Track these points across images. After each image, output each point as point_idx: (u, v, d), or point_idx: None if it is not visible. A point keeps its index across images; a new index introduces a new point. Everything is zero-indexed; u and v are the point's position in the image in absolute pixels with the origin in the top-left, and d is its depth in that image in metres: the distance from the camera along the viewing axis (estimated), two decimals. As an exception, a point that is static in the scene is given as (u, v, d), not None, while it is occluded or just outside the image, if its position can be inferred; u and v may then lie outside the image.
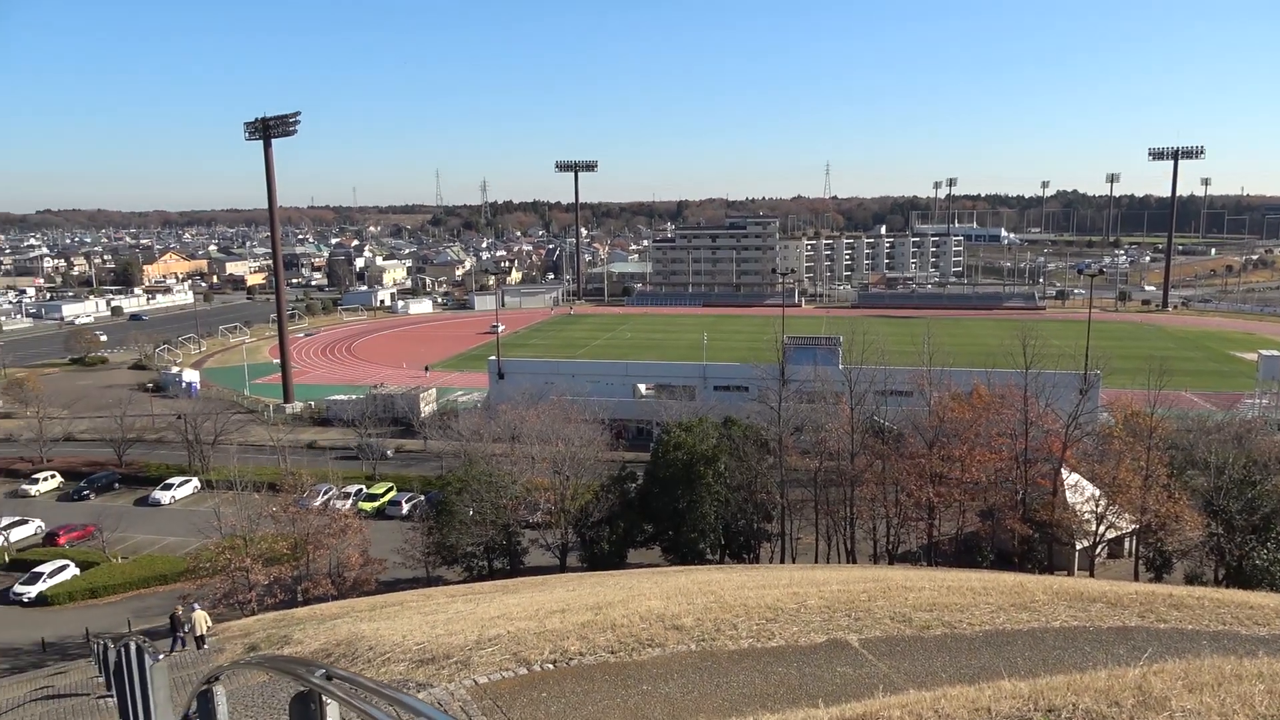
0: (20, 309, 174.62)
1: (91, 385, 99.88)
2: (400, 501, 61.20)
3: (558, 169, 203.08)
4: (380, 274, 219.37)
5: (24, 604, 49.26)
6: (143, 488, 67.88)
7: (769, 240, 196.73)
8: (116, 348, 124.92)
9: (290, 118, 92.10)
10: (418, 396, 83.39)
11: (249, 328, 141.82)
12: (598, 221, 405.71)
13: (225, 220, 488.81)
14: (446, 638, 13.82)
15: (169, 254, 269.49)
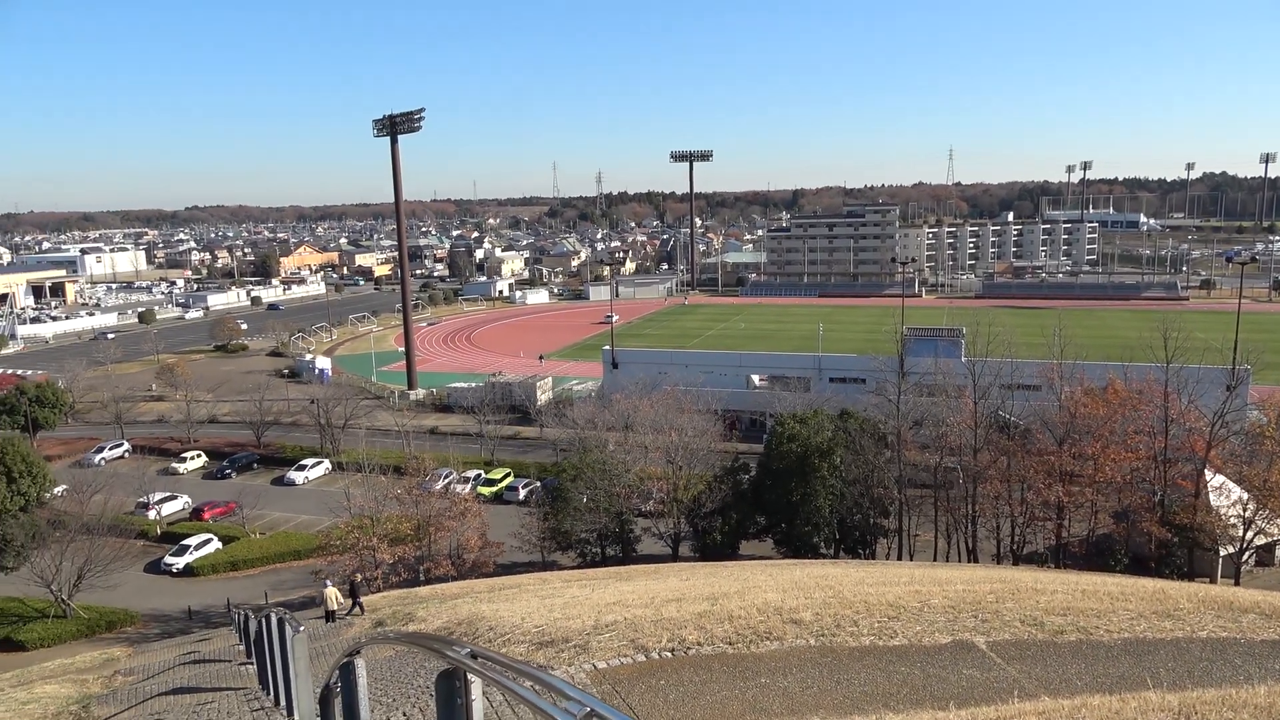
0: (171, 299, 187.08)
1: (233, 371, 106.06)
2: (517, 487, 62.62)
3: (672, 159, 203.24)
4: (499, 265, 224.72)
5: (173, 574, 52.85)
6: (279, 468, 71.68)
7: (888, 228, 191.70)
8: (256, 336, 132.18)
9: (415, 114, 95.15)
10: (534, 385, 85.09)
11: (376, 317, 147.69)
12: (712, 211, 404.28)
13: (355, 214, 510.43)
14: (564, 622, 14.04)
15: (303, 247, 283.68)
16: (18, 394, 75.95)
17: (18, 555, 46.06)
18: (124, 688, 19.97)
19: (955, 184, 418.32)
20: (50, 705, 17.62)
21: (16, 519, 46.24)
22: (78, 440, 79.83)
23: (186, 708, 14.28)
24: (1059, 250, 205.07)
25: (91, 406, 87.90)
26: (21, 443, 52.05)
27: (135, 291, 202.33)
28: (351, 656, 5.70)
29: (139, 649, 34.50)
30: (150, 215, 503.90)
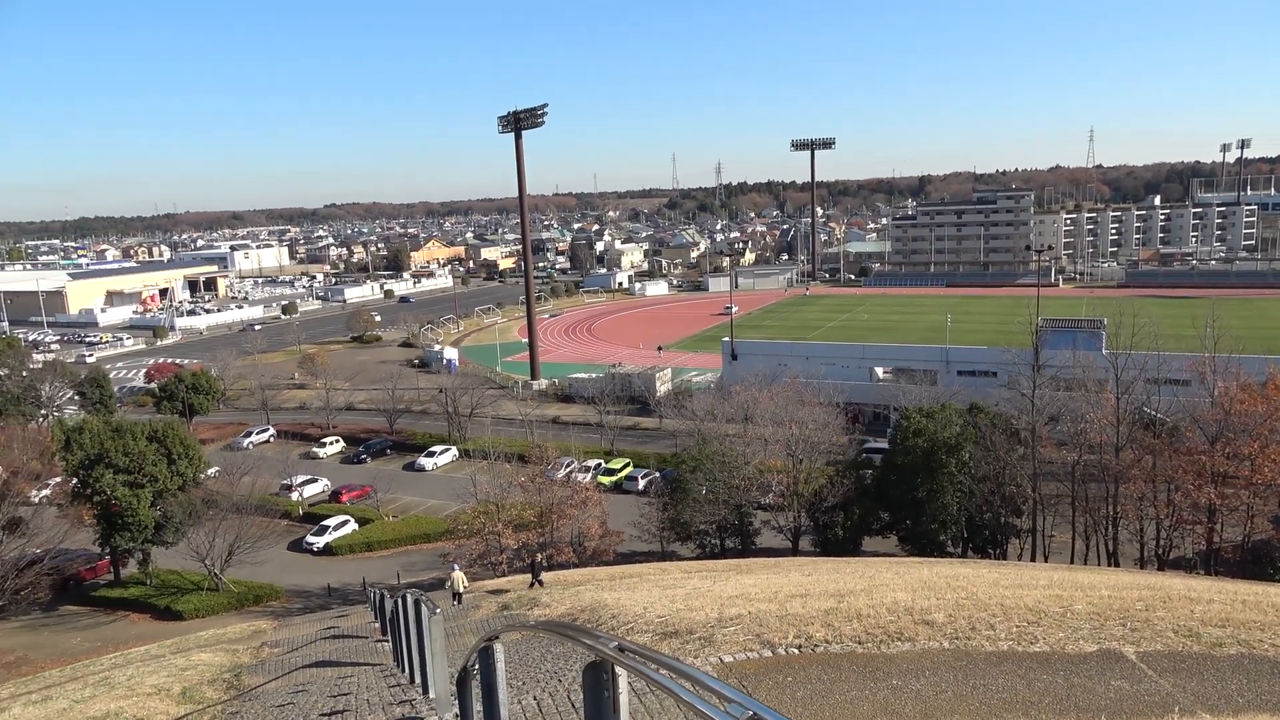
0: (311, 293, 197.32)
1: (368, 360, 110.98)
2: (637, 477, 63.14)
3: (793, 148, 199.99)
4: (619, 257, 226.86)
5: (313, 553, 55.80)
6: (410, 454, 74.59)
7: (1022, 215, 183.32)
8: (389, 327, 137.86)
9: (538, 110, 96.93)
10: (654, 376, 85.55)
11: (500, 309, 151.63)
12: (834, 200, 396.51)
13: (480, 209, 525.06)
14: (687, 613, 14.02)
15: (432, 241, 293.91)
16: (176, 381, 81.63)
17: (176, 531, 49.55)
18: (270, 659, 21.16)
19: (1096, 166, 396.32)
20: (206, 672, 18.83)
21: (175, 498, 49.73)
22: (228, 425, 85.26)
23: (328, 680, 14.99)
24: (1211, 236, 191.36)
25: (240, 394, 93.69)
26: (180, 426, 55.90)
27: (279, 285, 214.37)
28: (490, 641, 5.82)
29: (283, 622, 36.56)
30: (293, 213, 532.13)
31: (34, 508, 52.83)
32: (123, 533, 48.63)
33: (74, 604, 50.73)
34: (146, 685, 16.87)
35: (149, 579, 51.27)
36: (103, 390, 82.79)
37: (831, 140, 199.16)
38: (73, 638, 46.28)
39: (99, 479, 47.66)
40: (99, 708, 14.23)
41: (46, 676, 32.04)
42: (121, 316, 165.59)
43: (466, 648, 16.23)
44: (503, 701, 5.87)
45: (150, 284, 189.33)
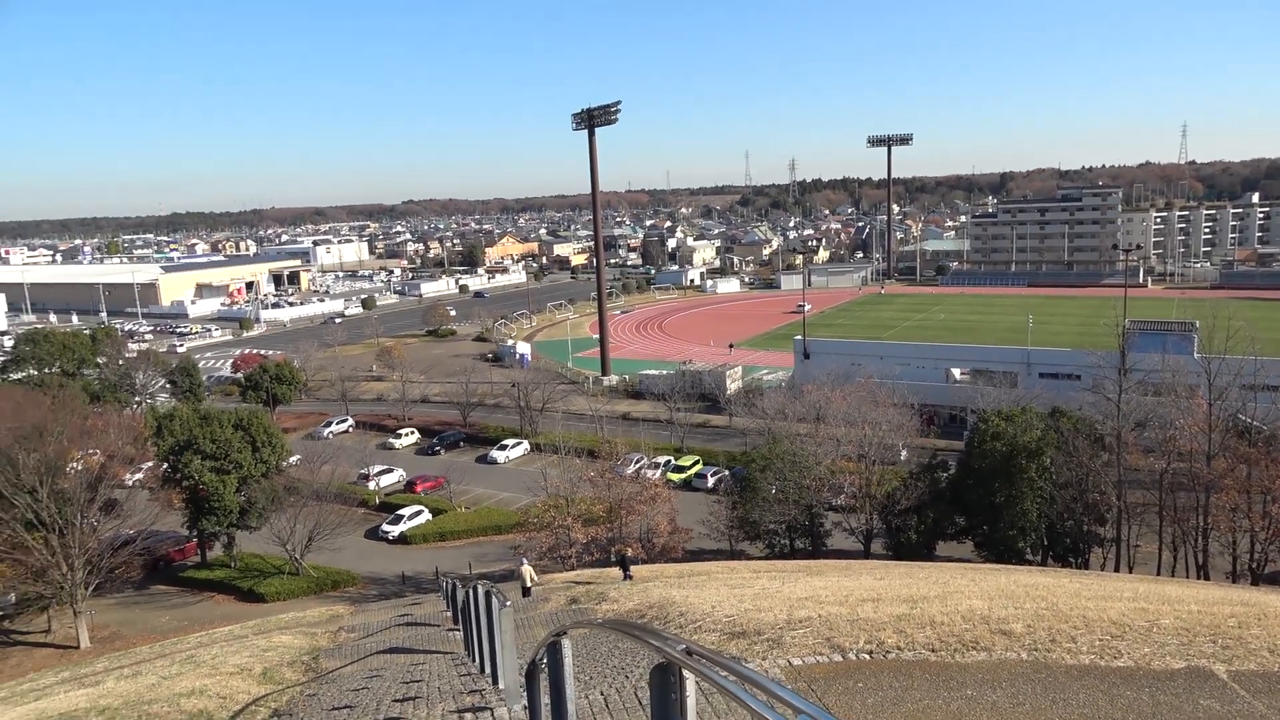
0: (389, 287, 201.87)
1: (443, 354, 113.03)
2: (706, 475, 62.98)
3: (869, 144, 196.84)
4: (690, 254, 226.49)
5: (389, 541, 57.11)
6: (482, 446, 75.76)
7: (1109, 213, 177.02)
8: (463, 321, 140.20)
9: (612, 107, 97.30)
10: (724, 374, 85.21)
11: (572, 305, 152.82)
12: (911, 197, 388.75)
13: (554, 206, 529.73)
14: (756, 614, 13.91)
15: (506, 238, 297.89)
16: (261, 372, 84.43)
17: (260, 516, 51.27)
18: (347, 643, 21.72)
19: (1189, 163, 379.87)
20: (286, 654, 19.42)
21: (259, 484, 51.45)
22: (309, 415, 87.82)
23: (401, 667, 15.31)
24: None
25: (321, 384, 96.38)
26: (264, 415, 57.81)
27: (358, 280, 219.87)
28: (559, 636, 5.86)
29: (359, 608, 37.51)
30: (372, 209, 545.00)
31: (128, 491, 55.26)
32: (209, 516, 50.54)
33: (164, 584, 52.93)
34: (230, 664, 17.48)
35: (233, 562, 53.18)
36: (192, 379, 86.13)
37: (909, 136, 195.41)
38: (162, 616, 48.30)
39: (188, 464, 49.60)
40: (185, 684, 14.79)
41: (137, 652, 33.50)
42: (210, 308, 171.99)
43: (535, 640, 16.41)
44: (570, 696, 5.91)
45: (237, 277, 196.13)
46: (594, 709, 9.11)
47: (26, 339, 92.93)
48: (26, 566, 43.00)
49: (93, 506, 46.08)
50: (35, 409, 50.44)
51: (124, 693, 15.16)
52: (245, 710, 12.26)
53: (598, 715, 9.04)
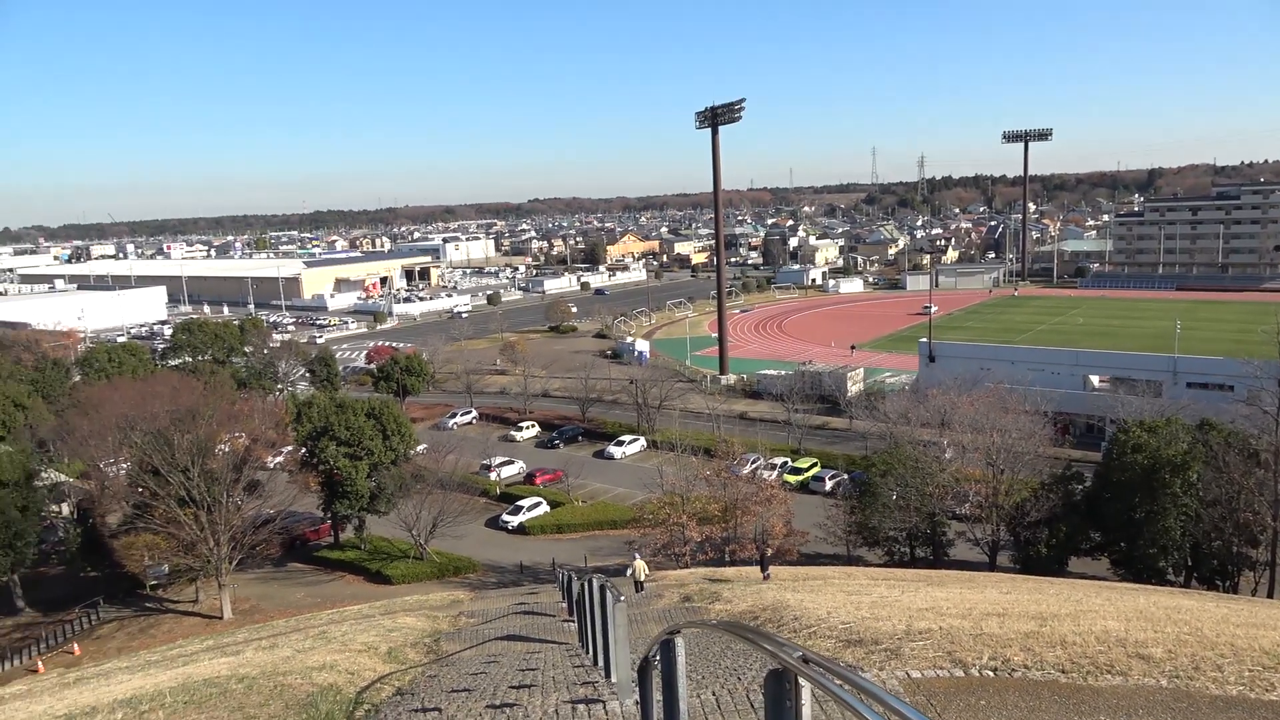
0: (514, 283, 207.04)
1: (564, 350, 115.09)
2: (823, 478, 61.91)
3: (1005, 139, 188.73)
4: (812, 253, 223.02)
5: (508, 531, 58.59)
6: (600, 442, 76.74)
7: (1271, 211, 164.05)
8: (584, 318, 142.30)
9: (736, 105, 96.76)
10: (845, 375, 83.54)
11: (691, 303, 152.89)
12: (1048, 195, 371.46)
13: (675, 204, 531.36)
14: (873, 622, 13.57)
15: (627, 236, 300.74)
16: (392, 363, 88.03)
17: (388, 502, 53.51)
18: (466, 628, 22.41)
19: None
20: (410, 635, 20.19)
21: (388, 471, 53.70)
22: (436, 406, 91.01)
23: (518, 654, 15.67)
24: None
25: (447, 377, 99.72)
26: (394, 405, 60.27)
27: (485, 276, 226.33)
28: (673, 635, 5.86)
29: (479, 594, 38.64)
30: (499, 208, 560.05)
31: (269, 473, 58.64)
32: (342, 500, 53.09)
33: (299, 562, 55.93)
34: (358, 642, 18.30)
35: (363, 544, 55.67)
36: (329, 369, 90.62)
37: (1048, 131, 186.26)
38: (297, 592, 51.04)
39: (324, 450, 52.23)
40: (317, 659, 15.57)
41: (274, 625, 35.51)
42: (347, 302, 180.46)
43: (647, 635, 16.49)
44: (682, 695, 5.89)
45: (372, 273, 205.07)
46: (705, 709, 9.08)
47: (183, 328, 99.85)
48: (178, 540, 46.24)
49: (237, 486, 49.13)
50: (189, 393, 54.19)
51: (261, 663, 16.07)
52: (371, 687, 12.79)
53: (709, 715, 9.01)
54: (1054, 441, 57.61)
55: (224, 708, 11.51)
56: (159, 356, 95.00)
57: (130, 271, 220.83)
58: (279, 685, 12.65)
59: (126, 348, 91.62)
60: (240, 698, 12.09)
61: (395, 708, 11.13)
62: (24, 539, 48.57)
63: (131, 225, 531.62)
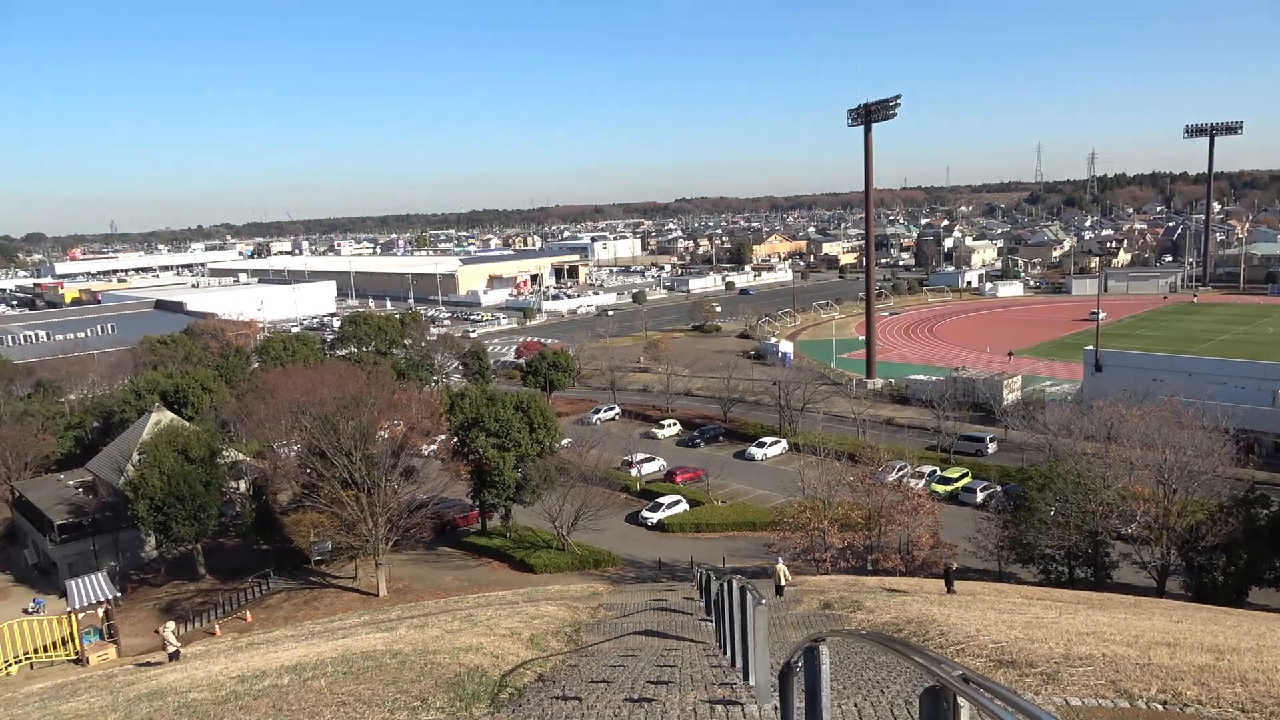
0: (659, 282, 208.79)
1: (707, 349, 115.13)
2: (975, 489, 59.39)
3: (1187, 134, 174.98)
4: (969, 254, 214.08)
5: (647, 527, 59.16)
6: (741, 442, 76.32)
7: None
8: (728, 318, 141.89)
9: (890, 102, 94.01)
10: (1001, 383, 79.79)
11: (838, 305, 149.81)
12: (1236, 194, 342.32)
13: (824, 204, 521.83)
14: (1027, 643, 12.89)
15: (774, 236, 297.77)
16: (540, 359, 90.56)
17: (533, 493, 55.10)
18: (605, 621, 22.76)
19: None
20: (551, 624, 20.71)
21: (535, 463, 55.30)
22: (581, 401, 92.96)
23: (655, 650, 15.78)
24: None
25: (592, 373, 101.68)
26: (541, 399, 62.02)
27: (631, 275, 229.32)
28: (818, 642, 5.74)
29: (617, 588, 39.20)
30: (646, 207, 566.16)
31: (423, 460, 61.50)
32: (490, 489, 55.07)
33: (449, 546, 58.38)
34: (502, 627, 18.92)
35: (508, 532, 57.55)
36: (481, 362, 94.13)
37: (1237, 124, 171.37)
38: (446, 575, 53.31)
39: (474, 440, 54.32)
40: (464, 640, 16.20)
41: (425, 605, 37.21)
42: (499, 298, 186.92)
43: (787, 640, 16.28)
44: (825, 705, 5.77)
45: (524, 270, 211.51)
46: (846, 718, 8.86)
47: (350, 321, 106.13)
48: (341, 519, 49.19)
49: (395, 471, 51.77)
50: (354, 382, 57.54)
51: (413, 641, 16.87)
52: (514, 671, 13.19)
53: (849, 726, 8.79)
54: (1236, 461, 53.05)
55: (379, 680, 12.14)
56: (328, 347, 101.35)
57: (304, 267, 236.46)
58: (429, 663, 13.23)
59: (299, 338, 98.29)
60: (394, 672, 12.72)
61: (537, 693, 11.43)
62: (207, 511, 52.97)
63: (306, 224, 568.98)
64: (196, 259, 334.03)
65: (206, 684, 14.36)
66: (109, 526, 57.10)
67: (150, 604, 52.79)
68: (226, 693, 12.88)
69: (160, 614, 51.07)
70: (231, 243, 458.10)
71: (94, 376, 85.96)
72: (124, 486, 54.04)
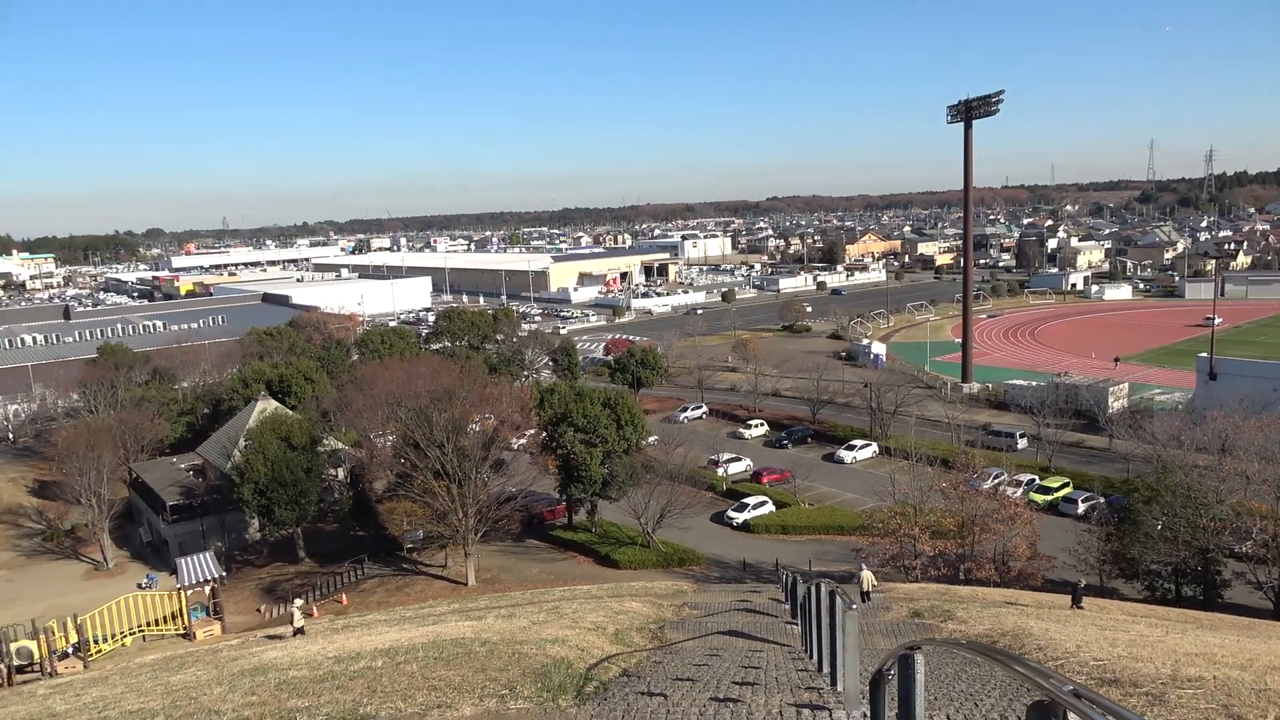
0: (749, 281, 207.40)
1: (796, 350, 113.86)
2: (1076, 500, 57.13)
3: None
4: (1073, 256, 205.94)
5: (732, 527, 58.84)
6: (829, 445, 75.21)
7: None
8: (818, 318, 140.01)
9: (992, 98, 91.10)
10: (1106, 390, 76.54)
11: (934, 306, 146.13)
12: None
13: (920, 202, 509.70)
14: (1131, 662, 12.34)
15: (868, 235, 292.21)
16: (628, 356, 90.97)
17: (619, 489, 55.44)
18: (689, 619, 22.74)
19: None
20: (635, 620, 20.80)
21: (621, 459, 55.63)
22: (668, 399, 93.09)
23: (739, 650, 15.69)
24: None
25: (680, 372, 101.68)
26: (629, 396, 62.30)
27: (720, 273, 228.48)
28: (913, 650, 5.60)
29: (701, 587, 39.15)
30: (737, 205, 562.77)
31: (513, 453, 62.54)
32: (577, 484, 55.63)
33: (536, 539, 59.24)
34: (587, 620, 19.10)
35: (594, 527, 58.05)
36: (570, 359, 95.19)
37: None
38: (533, 567, 54.11)
39: (563, 435, 54.95)
40: (550, 632, 16.41)
41: (512, 596, 37.87)
42: (589, 295, 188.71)
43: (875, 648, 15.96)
44: (919, 715, 5.62)
45: (613, 268, 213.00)
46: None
47: (444, 315, 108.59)
48: (432, 509, 50.43)
49: (485, 464, 52.82)
50: (447, 375, 58.89)
51: (501, 630, 17.18)
52: (599, 665, 13.29)
53: (940, 738, 8.56)
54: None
55: (469, 667, 12.40)
56: (423, 340, 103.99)
57: (402, 263, 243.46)
58: (516, 653, 13.45)
59: (397, 331, 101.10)
60: (483, 659, 12.97)
61: (622, 688, 11.49)
62: (307, 497, 55.05)
63: (404, 221, 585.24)
64: (301, 254, 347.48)
65: (305, 663, 14.91)
66: (216, 508, 59.96)
67: (252, 584, 55.15)
68: (324, 672, 13.35)
69: (262, 594, 53.33)
70: (334, 239, 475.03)
71: (205, 365, 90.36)
72: (231, 471, 56.63)
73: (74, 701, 15.62)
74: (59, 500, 65.13)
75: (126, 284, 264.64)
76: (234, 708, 11.37)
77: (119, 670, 24.65)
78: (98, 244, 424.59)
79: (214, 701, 12.05)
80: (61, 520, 65.53)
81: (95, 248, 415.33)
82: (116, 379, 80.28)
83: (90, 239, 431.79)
